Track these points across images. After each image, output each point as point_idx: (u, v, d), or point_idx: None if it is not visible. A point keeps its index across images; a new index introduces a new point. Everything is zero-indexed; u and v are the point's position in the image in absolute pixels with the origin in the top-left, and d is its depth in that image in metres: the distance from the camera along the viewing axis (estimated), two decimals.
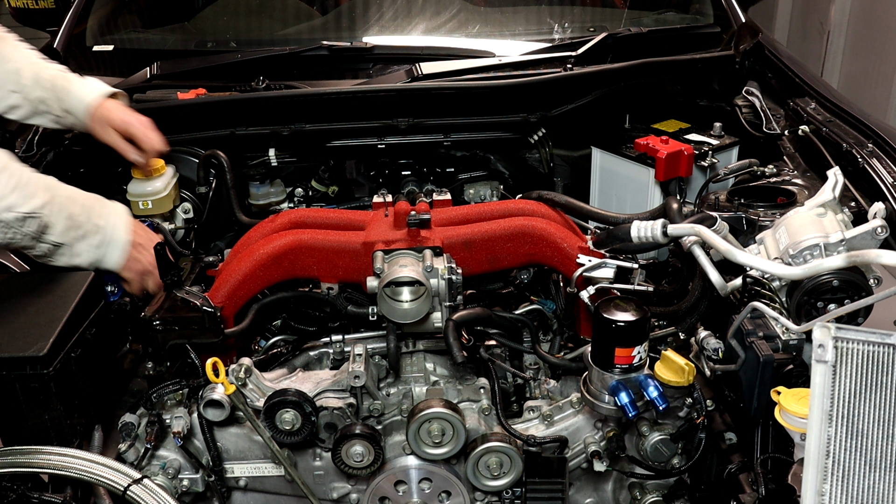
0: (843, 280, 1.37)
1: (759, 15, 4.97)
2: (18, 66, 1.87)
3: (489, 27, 2.58)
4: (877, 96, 4.44)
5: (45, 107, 1.90)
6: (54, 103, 1.90)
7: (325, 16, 2.70)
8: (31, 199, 1.54)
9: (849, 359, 1.05)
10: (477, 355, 1.68)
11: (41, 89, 1.88)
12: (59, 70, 1.93)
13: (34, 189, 1.56)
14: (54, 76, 1.91)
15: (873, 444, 1.04)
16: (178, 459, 1.61)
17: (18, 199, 1.52)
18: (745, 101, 2.31)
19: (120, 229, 1.71)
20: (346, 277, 1.74)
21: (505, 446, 1.56)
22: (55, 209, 1.58)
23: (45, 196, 1.57)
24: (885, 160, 1.76)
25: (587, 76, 2.24)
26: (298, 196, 2.31)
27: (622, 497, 1.71)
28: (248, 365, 1.61)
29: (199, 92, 2.21)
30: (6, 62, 1.86)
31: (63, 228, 1.60)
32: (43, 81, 1.89)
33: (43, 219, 1.56)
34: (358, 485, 1.66)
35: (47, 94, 1.89)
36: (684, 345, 1.66)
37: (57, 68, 1.93)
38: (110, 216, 1.71)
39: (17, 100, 1.88)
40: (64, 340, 1.44)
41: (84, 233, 1.64)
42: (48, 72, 1.91)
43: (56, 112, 1.91)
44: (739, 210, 1.70)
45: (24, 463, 1.38)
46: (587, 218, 1.85)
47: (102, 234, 1.68)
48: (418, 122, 2.23)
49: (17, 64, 1.87)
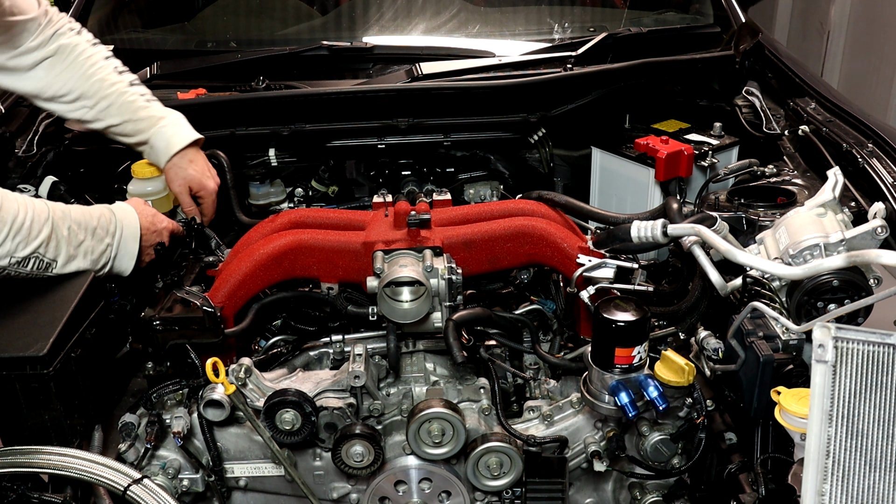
0: (843, 280, 1.37)
1: (759, 15, 4.97)
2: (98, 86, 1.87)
3: (489, 27, 2.58)
4: (877, 96, 4.44)
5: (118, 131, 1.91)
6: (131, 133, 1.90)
7: (325, 16, 2.70)
8: (30, 244, 1.48)
9: (849, 359, 1.05)
10: (477, 355, 1.68)
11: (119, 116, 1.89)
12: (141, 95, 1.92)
13: (35, 231, 1.49)
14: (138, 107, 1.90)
15: (873, 444, 1.04)
16: (178, 459, 1.61)
17: (14, 245, 1.46)
18: (745, 101, 2.31)
19: (128, 242, 1.68)
20: (346, 277, 1.74)
21: (505, 446, 1.56)
22: (54, 244, 1.52)
23: (46, 233, 1.50)
24: (885, 160, 1.76)
25: (587, 76, 2.24)
26: (298, 196, 2.31)
27: (622, 497, 1.71)
28: (248, 365, 1.61)
29: (199, 92, 2.21)
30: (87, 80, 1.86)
31: (64, 260, 1.55)
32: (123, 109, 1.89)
33: (45, 257, 1.51)
34: (358, 485, 1.66)
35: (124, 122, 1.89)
36: (684, 345, 1.66)
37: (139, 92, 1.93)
38: (118, 230, 1.66)
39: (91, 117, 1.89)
40: (64, 340, 1.44)
41: (95, 257, 1.61)
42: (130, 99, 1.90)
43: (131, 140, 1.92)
44: (739, 210, 1.70)
45: (24, 463, 1.38)
46: (587, 218, 1.85)
47: (110, 251, 1.64)
48: (418, 122, 2.23)
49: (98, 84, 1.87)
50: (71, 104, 1.88)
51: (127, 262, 1.69)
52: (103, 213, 1.67)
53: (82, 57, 1.87)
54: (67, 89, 1.86)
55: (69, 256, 1.56)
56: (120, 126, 1.90)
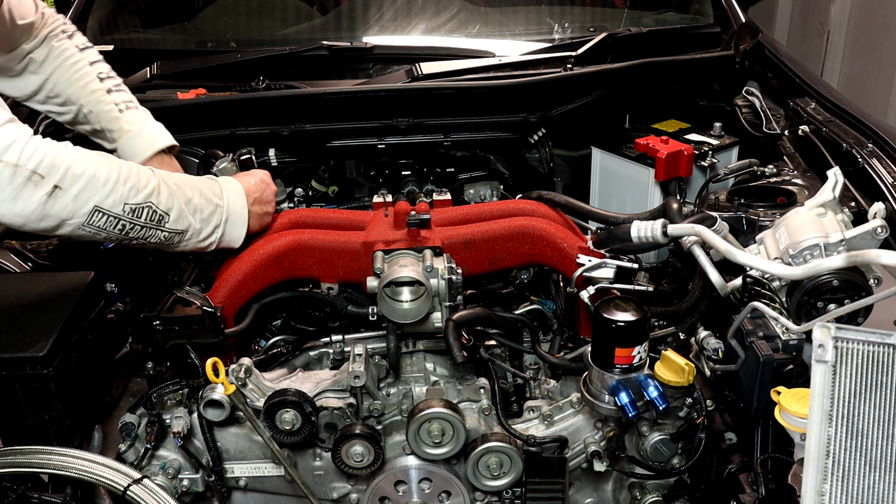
0: (843, 280, 1.37)
1: (759, 15, 4.97)
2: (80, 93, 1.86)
3: (489, 27, 2.58)
4: (877, 96, 4.44)
5: (98, 137, 1.90)
6: (108, 140, 1.89)
7: (325, 16, 2.70)
8: (141, 191, 1.48)
9: (849, 359, 1.05)
10: (477, 355, 1.68)
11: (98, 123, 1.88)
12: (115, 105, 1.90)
13: (144, 180, 1.50)
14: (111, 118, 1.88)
15: (873, 444, 1.04)
16: (178, 459, 1.61)
17: (126, 190, 1.46)
18: (745, 101, 2.31)
19: (238, 204, 1.68)
20: (346, 277, 1.74)
21: (505, 446, 1.56)
22: (167, 195, 1.53)
23: (154, 183, 1.52)
24: (885, 160, 1.76)
25: (587, 76, 2.24)
26: (298, 196, 2.31)
27: (622, 497, 1.71)
28: (248, 365, 1.61)
29: (199, 92, 2.21)
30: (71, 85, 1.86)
31: (178, 215, 1.55)
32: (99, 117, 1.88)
33: (158, 208, 1.51)
34: (358, 485, 1.66)
35: (102, 130, 1.88)
36: (684, 345, 1.66)
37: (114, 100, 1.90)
38: (225, 193, 1.67)
39: (80, 120, 1.88)
40: (64, 340, 1.44)
41: (205, 216, 1.61)
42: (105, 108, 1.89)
43: (109, 147, 1.90)
44: (739, 210, 1.70)
45: (24, 463, 1.38)
46: (587, 218, 1.85)
47: (220, 213, 1.65)
48: (418, 122, 2.23)
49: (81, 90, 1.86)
50: (62, 107, 1.88)
51: (239, 229, 1.69)
52: (205, 179, 1.69)
53: (69, 62, 1.86)
54: (56, 92, 1.86)
55: (181, 211, 1.56)
56: (98, 134, 1.90)
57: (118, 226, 1.48)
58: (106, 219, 1.45)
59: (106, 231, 1.47)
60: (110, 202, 1.45)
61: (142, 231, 1.51)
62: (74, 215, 1.42)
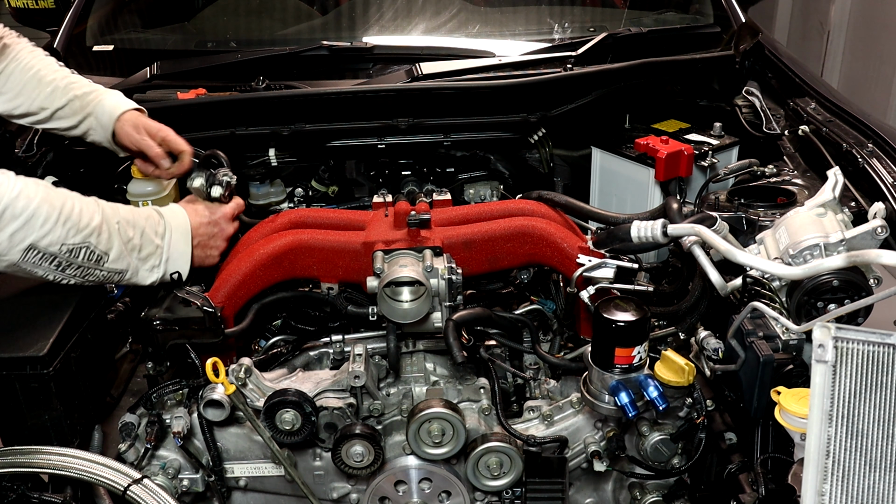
0: (843, 280, 1.37)
1: (759, 15, 4.96)
2: (41, 76, 1.85)
3: (489, 27, 2.58)
4: (877, 96, 4.44)
5: (63, 113, 1.88)
6: (77, 110, 1.88)
7: (325, 16, 2.70)
8: (81, 231, 1.47)
9: (849, 359, 1.05)
10: (477, 355, 1.68)
11: (63, 98, 1.86)
12: (83, 80, 1.91)
13: (85, 219, 1.48)
14: (81, 85, 1.89)
15: (873, 444, 1.04)
16: (178, 459, 1.61)
17: (65, 232, 1.45)
18: (745, 101, 2.31)
19: (180, 245, 1.68)
20: (346, 277, 1.74)
21: (505, 446, 1.56)
22: (106, 237, 1.52)
23: (96, 222, 1.50)
24: (885, 160, 1.76)
25: (587, 76, 2.24)
26: (298, 196, 2.31)
27: (622, 497, 1.71)
28: (248, 365, 1.61)
29: (199, 92, 2.21)
30: (27, 71, 1.85)
31: (116, 255, 1.54)
32: (66, 90, 1.87)
33: (97, 249, 1.50)
34: (358, 485, 1.66)
35: (69, 101, 1.87)
36: (684, 345, 1.66)
37: (81, 78, 1.92)
38: (168, 233, 1.66)
39: (34, 108, 1.86)
40: (64, 340, 1.44)
41: (144, 256, 1.60)
42: (73, 80, 1.89)
43: (75, 118, 1.89)
44: (739, 210, 1.70)
45: (24, 463, 1.38)
46: (587, 218, 1.85)
47: (161, 253, 1.64)
48: (418, 122, 2.23)
49: (40, 73, 1.86)
50: (14, 100, 1.86)
51: (182, 264, 1.68)
52: (151, 214, 1.67)
53: (23, 52, 1.86)
54: (10, 86, 1.84)
55: (120, 252, 1.55)
56: (65, 108, 1.87)
57: (54, 263, 1.46)
58: (41, 256, 1.44)
59: (42, 269, 1.45)
60: (47, 242, 1.43)
61: (79, 270, 1.50)
62: (8, 253, 1.40)
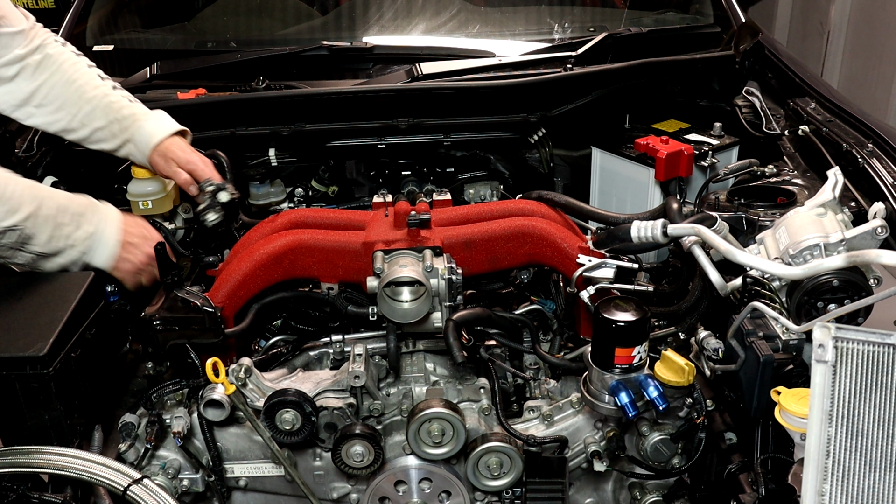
0: (843, 280, 1.37)
1: (759, 15, 4.97)
2: (82, 91, 1.86)
3: (489, 27, 2.58)
4: (877, 96, 4.44)
5: (103, 134, 1.89)
6: (117, 133, 1.89)
7: (325, 16, 2.70)
8: (14, 214, 1.53)
9: (849, 359, 1.05)
10: (477, 355, 1.68)
11: (104, 118, 1.87)
12: (124, 97, 1.92)
13: (17, 202, 1.54)
14: (121, 106, 1.89)
15: (873, 444, 1.04)
16: (178, 459, 1.61)
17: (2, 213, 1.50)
18: (745, 101, 2.31)
19: (109, 231, 1.70)
20: (346, 277, 1.74)
21: (505, 446, 1.56)
22: (39, 220, 1.57)
23: (30, 207, 1.55)
24: (885, 160, 1.75)
25: (587, 76, 2.24)
26: (298, 196, 2.31)
27: (622, 497, 1.71)
28: (248, 365, 1.61)
29: (199, 92, 2.21)
30: (70, 84, 1.85)
31: (46, 239, 1.59)
32: (107, 110, 1.87)
33: (25, 230, 1.55)
34: (358, 485, 1.66)
35: (109, 122, 1.88)
36: (684, 345, 1.66)
37: (123, 94, 1.92)
38: (100, 222, 1.69)
39: (76, 124, 1.87)
40: (64, 340, 1.44)
41: (71, 242, 1.63)
42: (114, 99, 1.89)
43: (116, 142, 1.90)
44: (739, 210, 1.70)
45: (24, 463, 1.38)
46: (587, 218, 1.85)
47: (90, 240, 1.67)
48: (418, 122, 2.23)
49: (82, 88, 1.86)
50: (54, 114, 1.86)
51: (104, 257, 1.69)
52: (88, 203, 1.70)
53: (66, 64, 1.86)
54: (52, 98, 1.85)
55: (50, 236, 1.59)
56: (105, 128, 1.88)
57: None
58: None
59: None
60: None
61: (8, 251, 1.55)
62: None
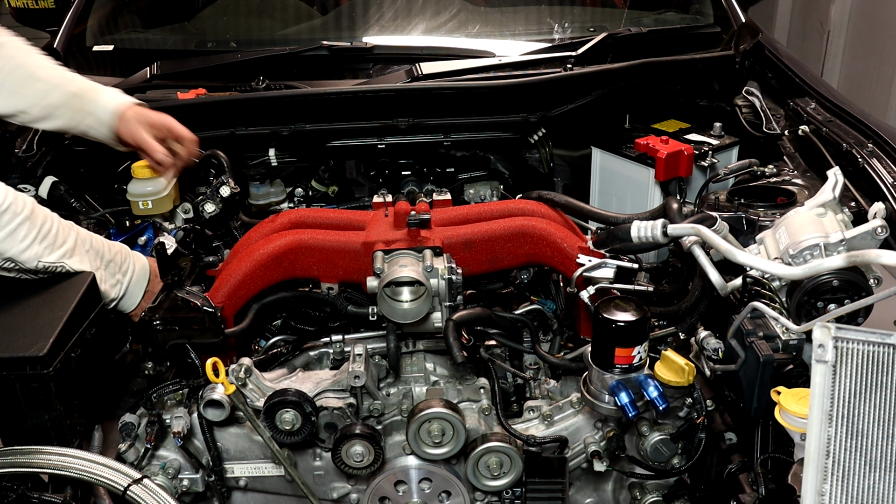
0: (843, 280, 1.37)
1: (759, 15, 4.97)
2: (35, 73, 1.84)
3: (489, 27, 2.58)
4: (877, 96, 4.44)
5: (62, 112, 1.87)
6: (77, 109, 1.87)
7: (325, 16, 2.70)
8: (55, 251, 1.54)
9: (849, 359, 1.05)
10: (477, 355, 1.68)
11: (60, 96, 1.85)
12: (79, 77, 1.90)
13: (60, 240, 1.55)
14: (78, 82, 1.88)
15: (873, 444, 1.04)
16: (178, 459, 1.61)
17: (41, 249, 1.52)
18: (745, 101, 2.31)
19: (138, 285, 1.72)
20: (346, 277, 1.74)
21: (505, 446, 1.56)
22: (78, 258, 1.58)
23: (70, 244, 1.57)
24: (885, 160, 1.75)
25: (587, 76, 2.24)
26: (298, 196, 2.31)
27: (622, 497, 1.71)
28: (248, 365, 1.61)
29: (199, 92, 2.21)
30: (22, 68, 1.83)
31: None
32: (63, 89, 1.86)
33: (68, 268, 1.56)
34: (358, 485, 1.66)
35: (67, 99, 1.86)
36: (684, 345, 1.66)
37: (77, 76, 1.90)
38: (130, 270, 1.71)
39: (32, 105, 1.85)
40: (64, 340, 1.44)
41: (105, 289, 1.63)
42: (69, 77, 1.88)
43: (77, 118, 1.88)
44: (739, 210, 1.70)
45: (24, 463, 1.38)
46: (587, 218, 1.85)
47: (120, 287, 1.68)
48: (418, 122, 2.23)
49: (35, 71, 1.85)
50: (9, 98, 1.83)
51: (130, 304, 1.71)
52: (120, 249, 1.71)
53: (16, 50, 1.84)
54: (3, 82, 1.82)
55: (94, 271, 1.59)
56: (63, 106, 1.86)
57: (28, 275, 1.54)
58: (18, 269, 1.52)
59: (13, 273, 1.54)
60: (26, 257, 1.50)
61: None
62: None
